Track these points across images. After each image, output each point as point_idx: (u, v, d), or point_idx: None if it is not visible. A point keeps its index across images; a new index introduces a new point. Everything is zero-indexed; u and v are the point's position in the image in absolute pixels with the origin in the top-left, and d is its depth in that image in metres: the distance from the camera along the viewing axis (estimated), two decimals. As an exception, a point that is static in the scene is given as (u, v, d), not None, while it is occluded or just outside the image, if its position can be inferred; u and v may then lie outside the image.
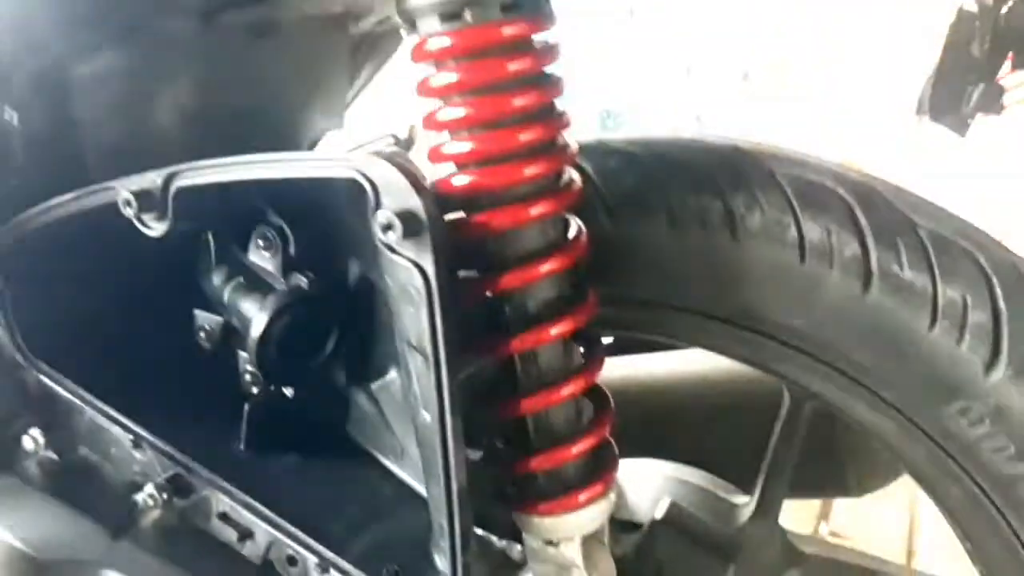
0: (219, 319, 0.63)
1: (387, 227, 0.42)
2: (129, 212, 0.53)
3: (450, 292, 0.43)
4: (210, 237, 0.60)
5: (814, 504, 1.61)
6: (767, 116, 2.39)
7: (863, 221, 0.51)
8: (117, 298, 0.64)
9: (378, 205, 0.43)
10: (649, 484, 0.71)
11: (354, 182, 0.44)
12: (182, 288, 0.64)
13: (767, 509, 0.67)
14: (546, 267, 0.48)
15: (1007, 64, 1.87)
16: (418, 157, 0.48)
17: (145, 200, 0.52)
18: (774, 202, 0.52)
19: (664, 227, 0.55)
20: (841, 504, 1.62)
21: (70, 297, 0.64)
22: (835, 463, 0.75)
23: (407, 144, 0.94)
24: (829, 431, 0.73)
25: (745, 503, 0.69)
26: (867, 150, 2.31)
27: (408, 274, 0.43)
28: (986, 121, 2.03)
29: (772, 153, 0.55)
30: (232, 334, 0.62)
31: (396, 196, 0.43)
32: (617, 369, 0.85)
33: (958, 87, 1.90)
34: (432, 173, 0.47)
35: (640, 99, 2.55)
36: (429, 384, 0.45)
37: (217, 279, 0.61)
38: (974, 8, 1.87)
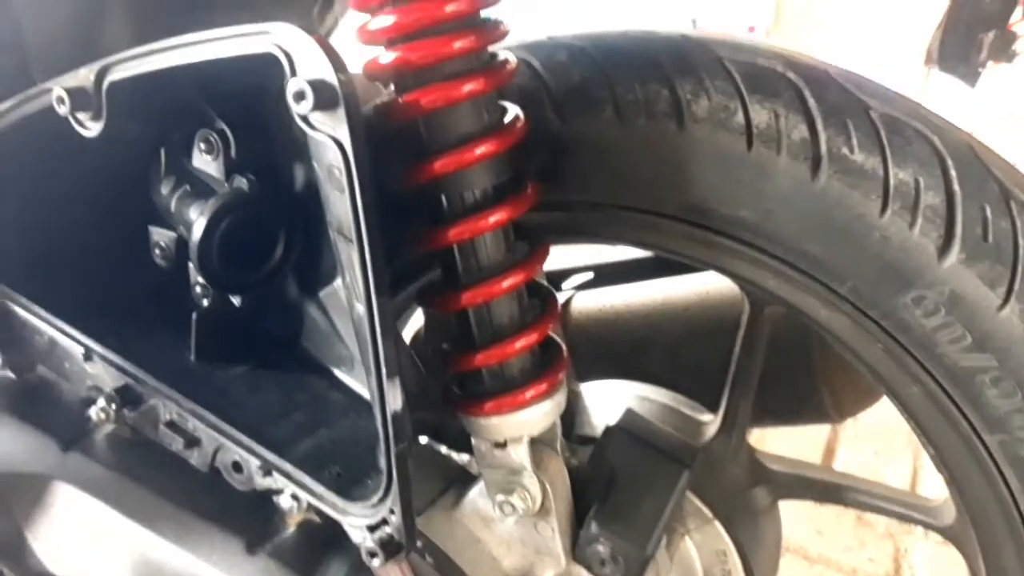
0: (172, 234, 0.62)
1: (300, 96, 0.41)
2: (63, 110, 0.52)
3: (374, 173, 0.42)
4: (160, 150, 0.59)
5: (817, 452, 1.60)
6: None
7: (812, 104, 0.49)
8: (72, 213, 0.63)
9: (293, 75, 0.42)
10: (614, 402, 0.69)
11: (273, 58, 0.43)
12: (136, 203, 0.63)
13: (732, 424, 0.66)
14: (480, 150, 0.47)
15: (1019, 10, 1.81)
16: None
17: (79, 97, 0.51)
18: (721, 88, 0.51)
19: (610, 120, 0.53)
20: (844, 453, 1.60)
21: (24, 213, 0.64)
22: (809, 386, 0.73)
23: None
24: (800, 353, 0.71)
25: (710, 420, 0.67)
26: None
27: (329, 152, 0.42)
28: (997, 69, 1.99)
29: (721, 40, 0.53)
30: (184, 247, 0.61)
31: (310, 66, 0.41)
32: (591, 297, 0.84)
33: (969, 36, 1.85)
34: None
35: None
36: (356, 271, 0.44)
37: (165, 189, 0.60)
38: (985, -45, 1.82)
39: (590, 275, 0.89)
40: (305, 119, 0.42)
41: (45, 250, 0.65)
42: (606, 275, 0.88)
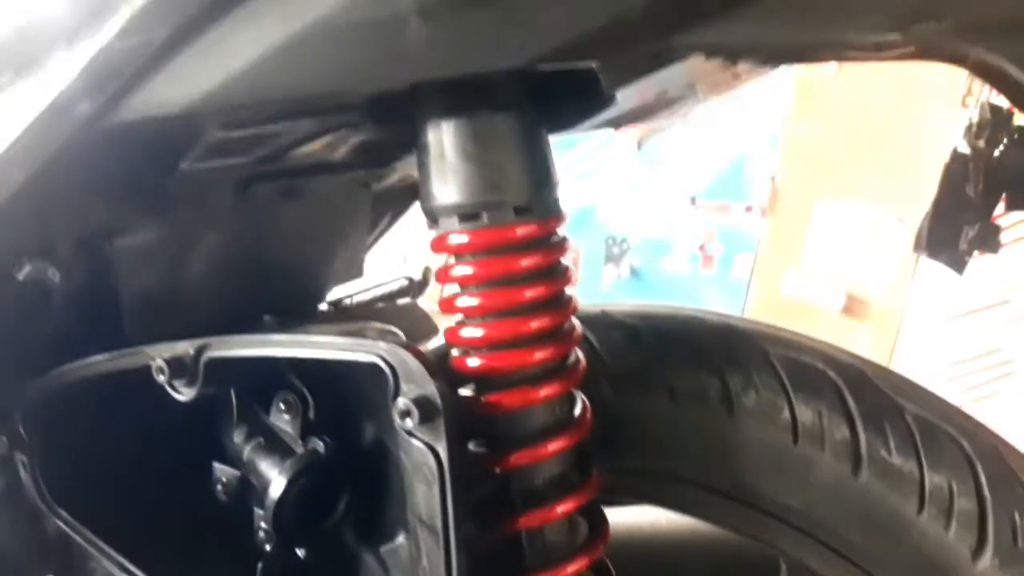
0: (236, 473, 0.65)
1: (405, 414, 0.45)
2: (161, 379, 0.56)
3: (462, 472, 0.46)
4: (233, 397, 0.63)
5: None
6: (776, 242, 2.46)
7: (852, 405, 0.54)
8: (137, 450, 0.67)
9: (397, 390, 0.46)
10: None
11: (376, 366, 0.48)
12: (201, 441, 0.66)
13: None
14: (553, 446, 0.51)
15: (1002, 205, 1.93)
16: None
17: (177, 367, 0.56)
18: (768, 384, 0.56)
19: (665, 401, 0.58)
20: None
21: (92, 448, 0.67)
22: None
23: (421, 286, 0.98)
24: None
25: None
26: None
27: (423, 455, 0.46)
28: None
29: (766, 333, 0.58)
30: (248, 489, 0.64)
31: (414, 383, 0.46)
32: (621, 518, 0.87)
33: (954, 226, 1.96)
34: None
35: (646, 227, 2.63)
36: (438, 561, 0.47)
37: (238, 436, 0.64)
38: (968, 150, 1.95)
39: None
40: (406, 430, 0.46)
41: (109, 482, 0.68)
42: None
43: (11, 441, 0.68)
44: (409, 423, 0.45)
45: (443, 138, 0.49)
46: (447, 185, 0.49)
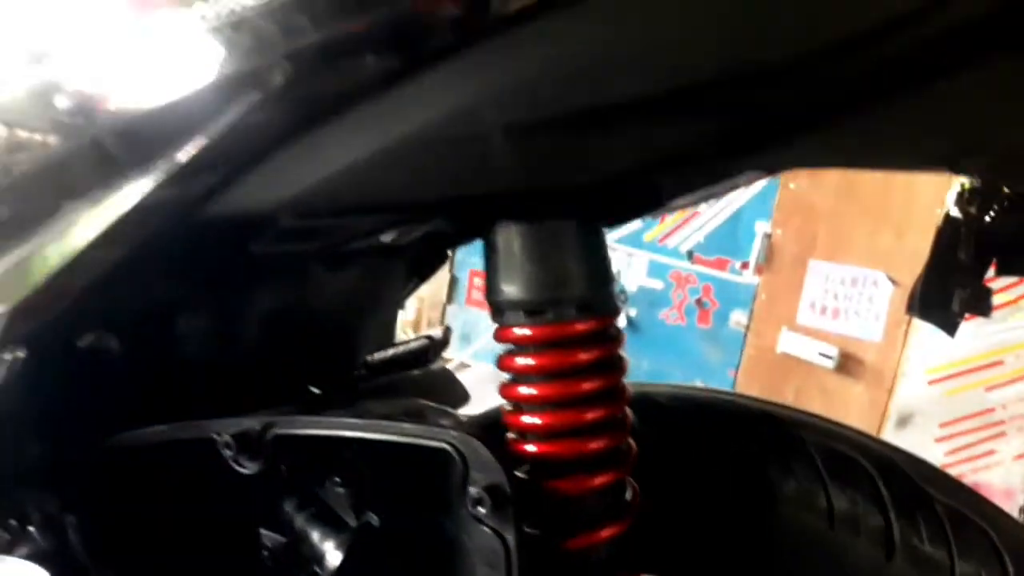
0: (283, 540, 0.67)
1: (478, 501, 0.48)
2: (228, 454, 0.58)
3: (527, 558, 0.49)
4: (284, 467, 0.66)
5: None
6: (771, 298, 2.51)
7: (885, 494, 0.57)
8: (185, 515, 0.69)
9: (466, 477, 0.49)
10: None
11: (444, 452, 0.50)
12: (249, 507, 0.69)
13: None
14: (606, 532, 0.54)
15: (992, 269, 1.99)
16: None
17: (243, 443, 0.58)
18: (806, 471, 0.59)
19: (703, 487, 0.61)
20: None
21: (141, 512, 0.69)
22: None
23: (441, 345, 1.01)
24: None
25: None
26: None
27: (490, 540, 0.49)
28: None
29: (802, 420, 0.62)
30: (294, 556, 0.67)
31: (484, 471, 0.49)
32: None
33: (946, 288, 2.01)
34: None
35: (643, 279, 2.68)
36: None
37: (289, 506, 0.66)
38: (960, 215, 2.01)
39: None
40: (475, 516, 0.49)
41: (155, 546, 0.70)
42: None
43: (63, 503, 0.70)
44: (481, 510, 0.48)
45: (513, 239, 0.52)
46: (515, 282, 0.52)
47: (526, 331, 0.53)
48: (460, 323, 2.98)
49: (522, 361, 0.54)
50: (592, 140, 0.44)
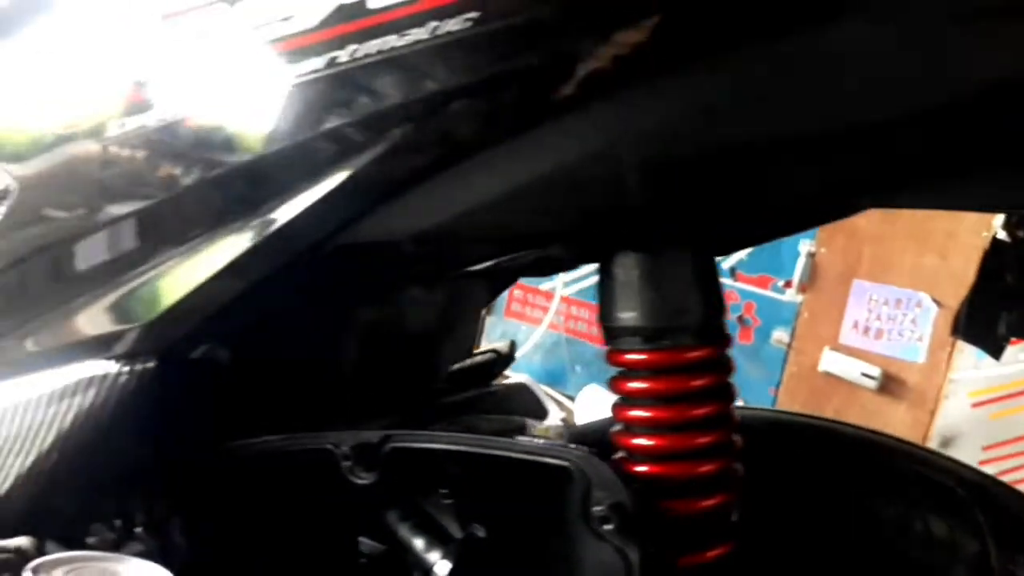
0: (382, 548, 0.70)
1: (604, 520, 0.50)
2: (346, 465, 0.61)
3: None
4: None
5: None
6: (813, 317, 2.52)
7: (981, 520, 0.59)
8: (286, 520, 0.72)
9: (587, 495, 0.51)
10: None
11: (564, 469, 0.53)
12: (350, 515, 0.71)
13: None
14: (712, 553, 0.56)
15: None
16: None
17: (361, 455, 0.61)
18: (902, 498, 0.60)
19: (802, 512, 0.63)
20: None
21: (244, 517, 0.72)
22: None
23: (507, 360, 1.03)
24: None
25: None
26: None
27: (612, 557, 0.51)
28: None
29: (898, 448, 0.63)
30: (396, 565, 0.69)
31: (607, 490, 0.51)
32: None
33: (992, 312, 2.01)
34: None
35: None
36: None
37: (392, 515, 0.68)
38: (1007, 238, 2.02)
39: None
40: (598, 533, 0.51)
41: (255, 551, 0.72)
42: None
43: (171, 506, 0.73)
44: (606, 528, 0.50)
45: (632, 267, 0.54)
46: (633, 308, 0.54)
47: (642, 356, 0.55)
48: (499, 334, 3.00)
49: (637, 384, 0.56)
50: (735, 178, 0.46)
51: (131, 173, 0.59)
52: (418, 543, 0.67)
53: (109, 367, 0.61)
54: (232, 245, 0.55)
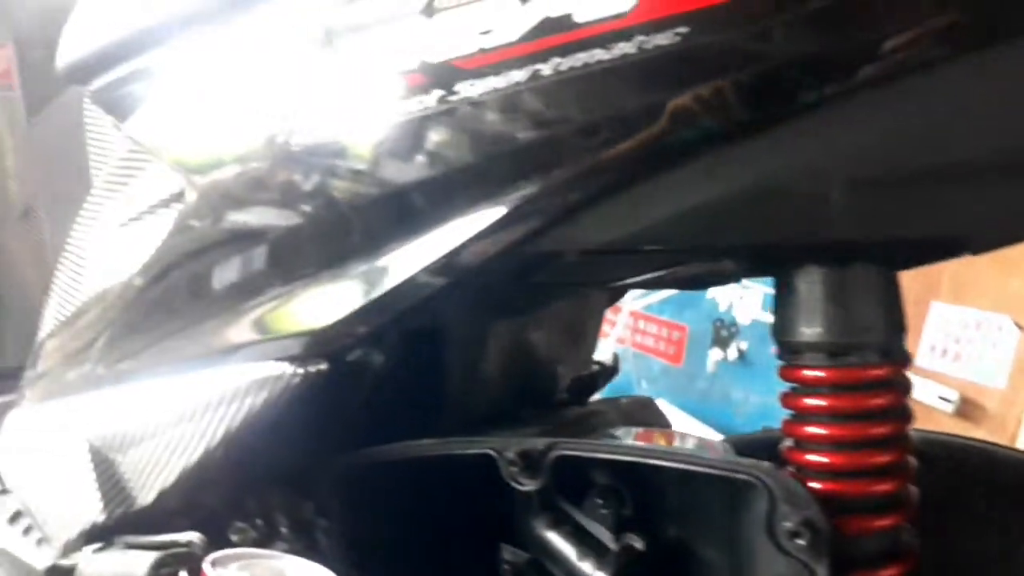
0: (526, 555, 0.71)
1: (794, 535, 0.50)
2: (512, 471, 0.62)
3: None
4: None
5: None
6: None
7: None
8: (430, 525, 0.73)
9: (773, 510, 0.52)
10: None
11: (745, 483, 0.53)
12: (491, 521, 0.72)
13: None
14: (885, 573, 0.55)
15: None
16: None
17: (527, 461, 0.62)
18: None
19: (965, 534, 0.62)
20: None
21: (388, 521, 0.73)
22: None
23: (612, 372, 1.03)
24: None
25: None
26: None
27: (795, 573, 0.51)
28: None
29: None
30: (538, 573, 0.70)
31: (795, 505, 0.51)
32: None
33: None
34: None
35: (757, 312, 2.67)
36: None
37: (540, 523, 0.69)
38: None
39: None
40: (784, 548, 0.51)
41: (397, 553, 0.73)
42: None
43: (317, 508, 0.75)
44: (797, 543, 0.50)
45: (817, 282, 0.54)
46: (818, 324, 0.54)
47: (824, 372, 0.55)
48: (564, 346, 3.00)
49: (815, 401, 0.56)
50: (942, 196, 0.46)
51: (312, 185, 0.61)
52: (570, 552, 0.67)
53: (284, 368, 0.63)
54: (425, 253, 0.56)
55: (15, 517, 0.80)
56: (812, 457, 0.56)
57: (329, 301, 0.61)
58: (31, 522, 0.81)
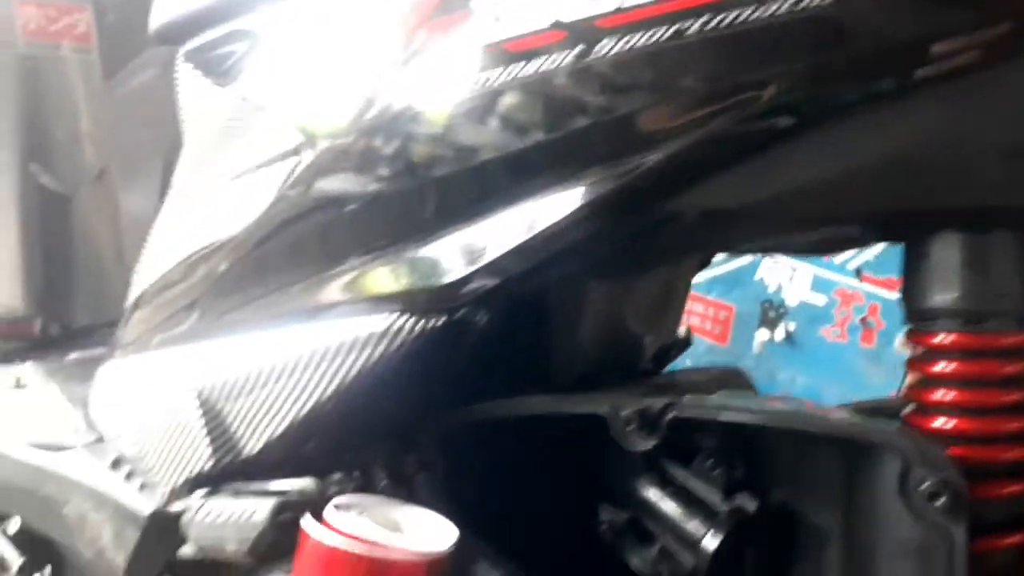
0: (625, 515, 0.71)
1: (934, 495, 0.50)
2: (629, 429, 0.62)
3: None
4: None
5: None
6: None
7: None
8: (529, 484, 0.73)
9: (907, 473, 0.52)
10: None
11: (875, 446, 0.53)
12: (591, 480, 0.73)
13: None
14: (1008, 540, 0.55)
15: None
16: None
17: (644, 420, 0.62)
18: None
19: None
20: None
21: (487, 478, 0.74)
22: None
23: (684, 344, 1.03)
24: None
25: None
26: None
27: (928, 536, 0.51)
28: None
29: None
30: (641, 532, 0.70)
31: (931, 467, 0.51)
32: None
33: None
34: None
35: (806, 293, 2.65)
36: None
37: (644, 483, 0.69)
38: None
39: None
40: (919, 511, 0.51)
41: (494, 511, 0.74)
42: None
43: (420, 463, 0.76)
44: (936, 505, 0.50)
45: (954, 248, 0.54)
46: (955, 290, 0.54)
47: (958, 338, 0.55)
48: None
49: (946, 367, 0.56)
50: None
51: (431, 149, 0.61)
52: (676, 513, 0.67)
53: (404, 321, 0.63)
54: (553, 211, 0.56)
55: (117, 463, 0.82)
56: (941, 422, 0.56)
57: (447, 261, 0.62)
58: (132, 468, 0.82)
